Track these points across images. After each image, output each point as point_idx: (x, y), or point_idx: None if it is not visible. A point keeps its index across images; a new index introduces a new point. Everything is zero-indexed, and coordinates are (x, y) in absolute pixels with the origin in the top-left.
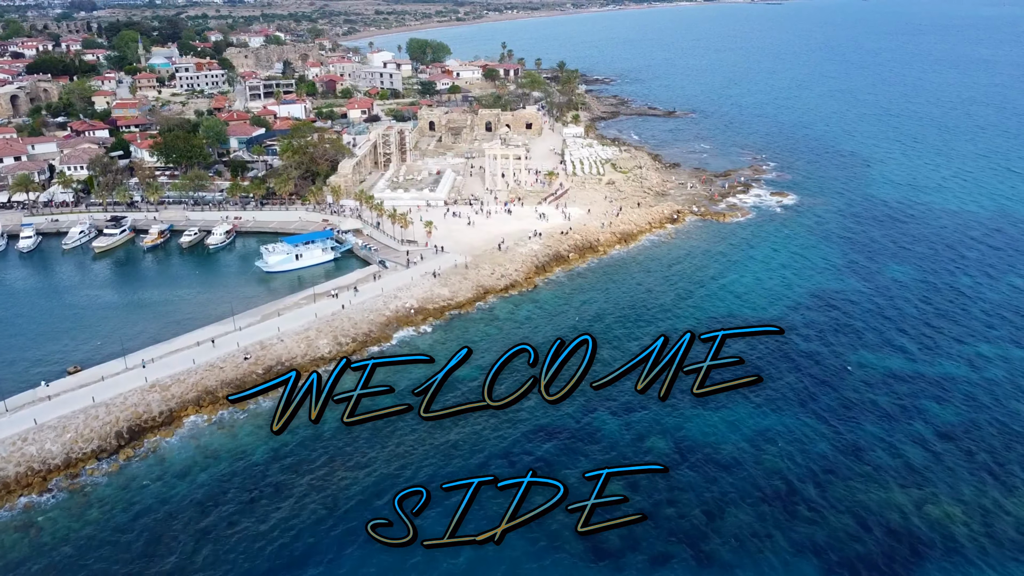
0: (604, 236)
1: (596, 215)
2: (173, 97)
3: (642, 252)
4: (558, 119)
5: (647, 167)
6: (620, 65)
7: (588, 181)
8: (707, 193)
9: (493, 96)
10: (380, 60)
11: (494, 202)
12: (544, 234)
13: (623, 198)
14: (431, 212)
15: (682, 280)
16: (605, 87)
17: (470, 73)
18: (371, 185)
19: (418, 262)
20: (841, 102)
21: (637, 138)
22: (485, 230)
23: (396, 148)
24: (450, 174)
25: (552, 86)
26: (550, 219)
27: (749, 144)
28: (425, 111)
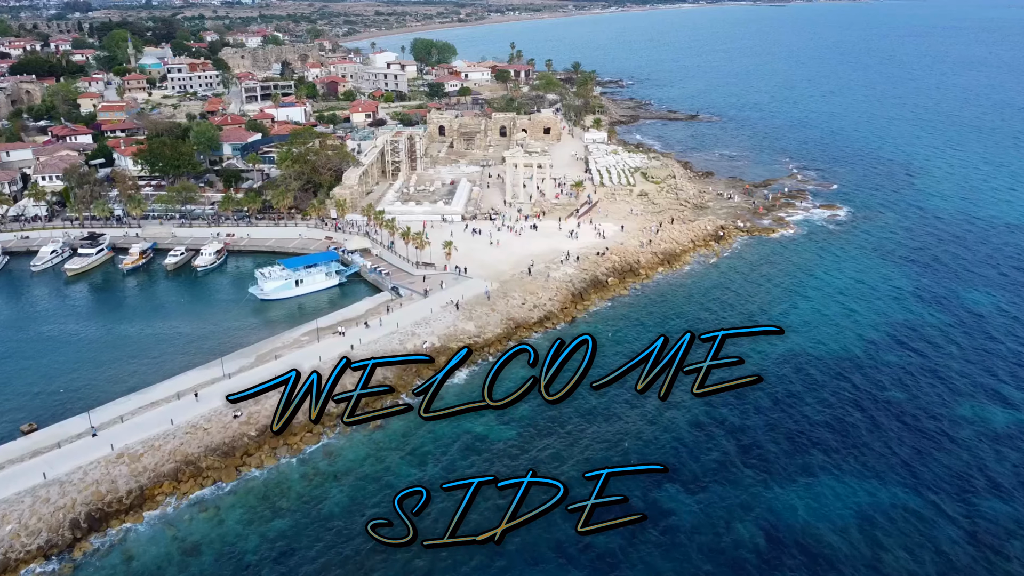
0: (645, 257)
1: (632, 232)
2: (164, 99)
3: (688, 276)
4: (576, 123)
5: (680, 176)
6: (630, 67)
7: (618, 193)
8: (750, 206)
9: (506, 99)
10: (383, 61)
11: (518, 217)
12: (577, 253)
13: (659, 212)
14: (447, 228)
15: (735, 312)
16: (619, 90)
17: (479, 75)
18: (379, 197)
19: (437, 290)
20: (867, 105)
21: (661, 144)
22: (510, 250)
23: (406, 156)
24: (466, 184)
25: (567, 88)
26: (581, 237)
27: (783, 150)
28: (435, 115)
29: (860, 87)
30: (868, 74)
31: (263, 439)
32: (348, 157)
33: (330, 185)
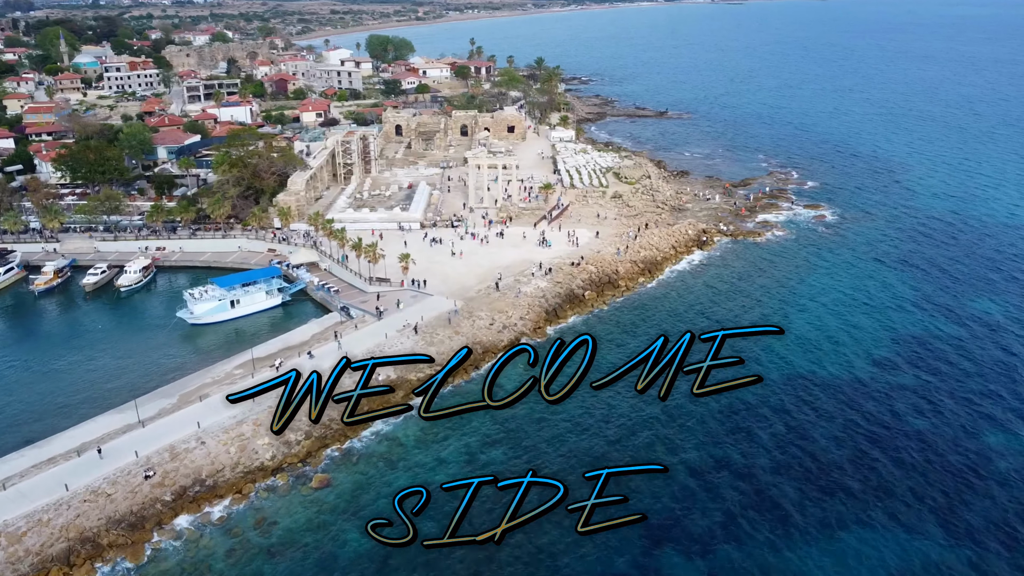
0: (623, 266)
1: (608, 238)
2: (100, 100)
3: (672, 287)
4: (541, 121)
5: (655, 177)
6: (594, 64)
7: (590, 195)
8: (731, 207)
9: (466, 97)
10: (337, 58)
11: (483, 224)
12: (550, 264)
13: (635, 215)
14: (404, 239)
15: (726, 328)
16: (583, 87)
17: (438, 71)
18: (329, 203)
19: (393, 311)
20: (836, 101)
21: (632, 142)
22: (475, 262)
23: (359, 158)
24: (424, 188)
25: (531, 85)
26: (553, 245)
27: (757, 147)
28: (391, 113)
29: (825, 82)
30: (832, 69)
31: (180, 504)
32: (294, 160)
33: (273, 191)
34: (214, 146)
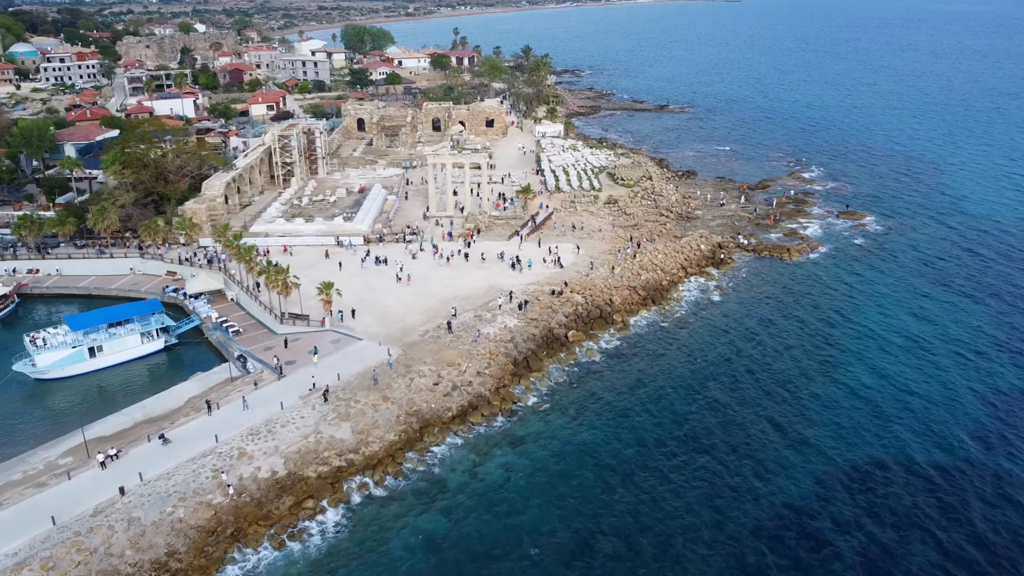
0: (619, 294)
1: (600, 256)
2: (34, 93)
3: (682, 322)
4: (527, 115)
5: (656, 178)
6: (588, 58)
7: (580, 200)
8: (749, 214)
9: (444, 88)
10: (308, 49)
11: (443, 237)
12: (523, 293)
13: (634, 225)
14: (341, 258)
15: (760, 389)
16: (576, 80)
17: (415, 62)
18: (258, 212)
19: (303, 363)
20: (847, 95)
21: (629, 138)
22: (426, 289)
23: (302, 156)
24: (378, 193)
25: (516, 76)
26: (532, 266)
27: (772, 144)
28: (352, 105)
29: (831, 76)
30: (837, 63)
31: None
32: (212, 159)
33: (183, 198)
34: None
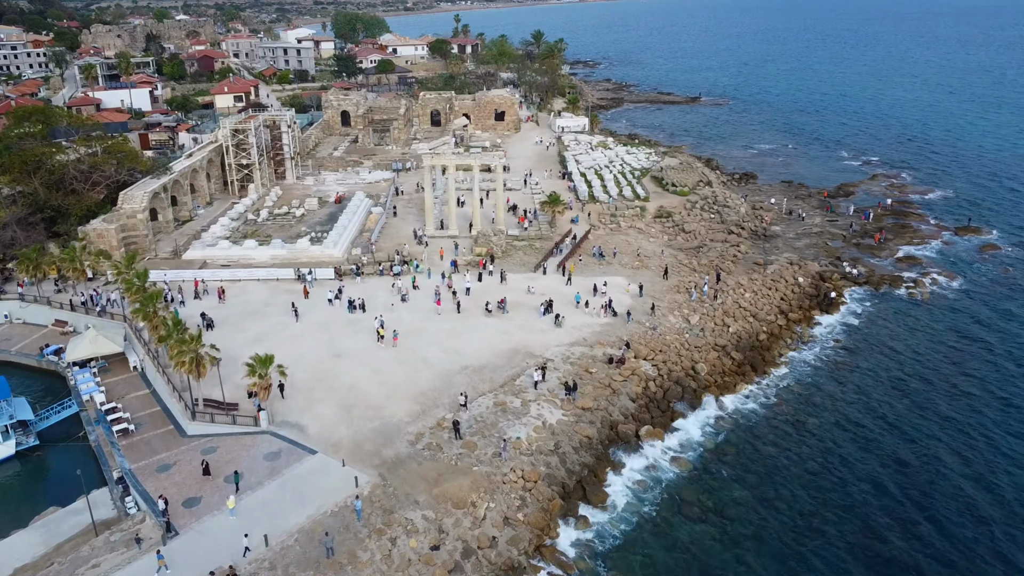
0: (704, 356)
1: (664, 294)
2: None
3: (800, 401)
4: (541, 107)
5: (715, 183)
6: (601, 50)
7: (623, 213)
8: (843, 231)
9: (444, 78)
10: (294, 38)
11: (450, 271)
12: (566, 361)
13: (698, 247)
14: (299, 302)
15: (936, 525)
16: (591, 71)
17: (411, 50)
18: (199, 231)
19: (217, 504)
20: (894, 86)
21: (664, 134)
22: (419, 354)
23: (266, 156)
24: (360, 204)
25: (528, 64)
26: (570, 312)
27: (831, 141)
28: (335, 96)
29: (867, 68)
30: (866, 55)
31: None
32: (134, 162)
33: (88, 214)
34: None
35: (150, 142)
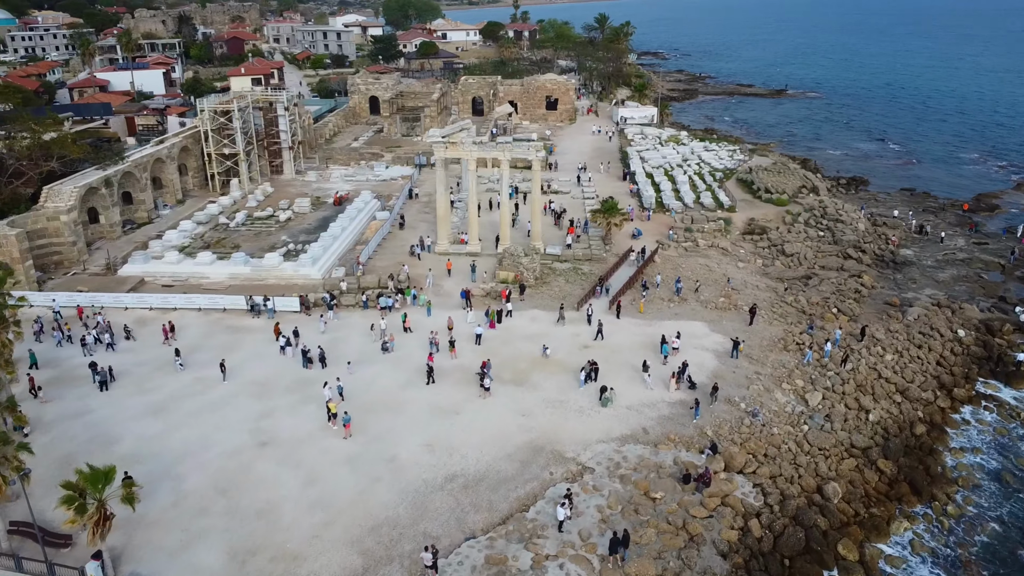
0: (835, 466)
1: (763, 352)
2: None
3: (1000, 545)
4: (602, 97)
5: (821, 189)
6: (672, 41)
7: (702, 228)
8: (1002, 260)
9: (494, 63)
10: (341, 23)
11: (464, 305)
12: (611, 472)
13: (806, 277)
14: (240, 346)
15: None
16: (660, 62)
17: (462, 36)
18: (153, 237)
19: None
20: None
21: (745, 130)
22: (388, 447)
23: (259, 145)
24: (364, 207)
25: (591, 49)
26: (626, 384)
27: (950, 141)
28: (362, 79)
29: (965, 63)
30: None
31: None
32: (67, 148)
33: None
34: None
35: (137, 127)
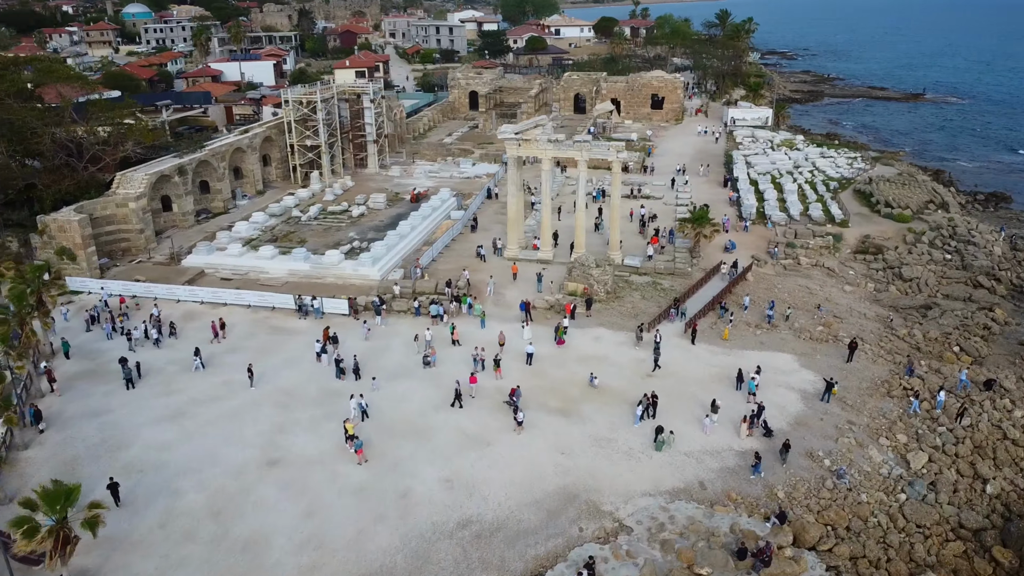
0: (933, 546)
1: (858, 399)
2: (128, 56)
3: None
4: (715, 97)
5: (953, 207)
6: (801, 41)
7: (806, 243)
8: None
9: (603, 60)
10: (458, 18)
11: (525, 319)
12: (656, 532)
13: (925, 308)
14: (283, 347)
15: None
16: (787, 62)
17: (576, 32)
18: (227, 226)
19: None
20: None
21: (872, 137)
22: (404, 476)
23: (345, 138)
24: (441, 206)
25: (708, 47)
26: (686, 427)
27: None
28: (462, 73)
29: None
30: None
31: None
32: (140, 135)
33: (67, 197)
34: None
35: (234, 116)
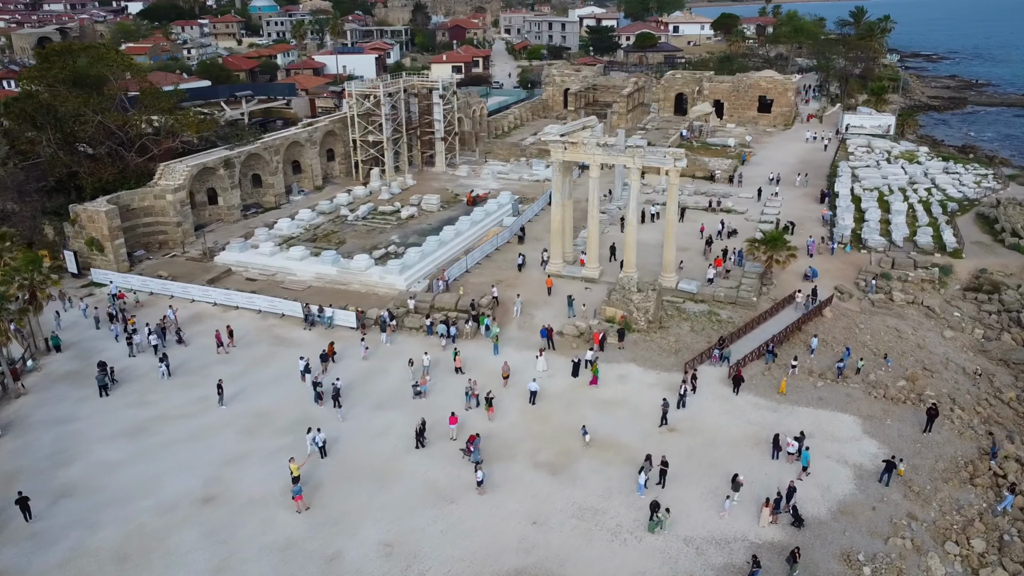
0: None
1: (931, 481)
2: (249, 48)
3: None
4: (836, 101)
5: None
6: (952, 42)
7: (904, 277)
8: None
9: (718, 59)
10: (577, 15)
11: (543, 349)
12: None
13: None
14: (280, 358)
15: None
16: (930, 65)
17: (696, 29)
18: (268, 223)
19: None
20: None
21: (1016, 149)
22: (338, 536)
23: (412, 134)
24: (497, 211)
25: (837, 47)
26: (697, 504)
27: None
28: (557, 70)
29: None
30: None
31: None
32: (189, 125)
33: (107, 186)
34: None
35: (316, 109)
